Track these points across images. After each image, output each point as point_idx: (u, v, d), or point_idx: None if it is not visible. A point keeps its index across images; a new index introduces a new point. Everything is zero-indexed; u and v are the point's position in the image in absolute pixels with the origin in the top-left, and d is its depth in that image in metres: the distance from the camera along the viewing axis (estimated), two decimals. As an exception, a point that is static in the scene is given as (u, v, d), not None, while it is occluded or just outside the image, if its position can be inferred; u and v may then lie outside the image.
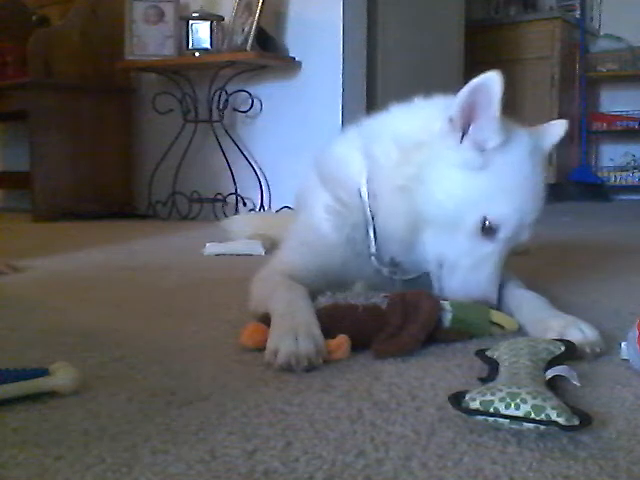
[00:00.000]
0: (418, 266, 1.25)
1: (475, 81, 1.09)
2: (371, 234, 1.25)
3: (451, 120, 1.13)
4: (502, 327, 1.15)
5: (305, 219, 1.37)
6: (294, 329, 0.99)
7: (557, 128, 1.28)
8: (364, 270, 1.27)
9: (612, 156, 5.60)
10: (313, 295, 1.17)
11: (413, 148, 1.17)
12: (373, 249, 1.26)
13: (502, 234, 1.16)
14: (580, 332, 1.03)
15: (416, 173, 1.16)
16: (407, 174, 1.17)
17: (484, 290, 1.16)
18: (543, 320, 1.10)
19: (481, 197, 1.13)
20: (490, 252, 1.16)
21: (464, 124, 1.12)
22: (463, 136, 1.13)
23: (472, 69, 4.58)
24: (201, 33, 3.65)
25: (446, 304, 1.11)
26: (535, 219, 1.19)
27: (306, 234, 1.34)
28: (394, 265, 1.26)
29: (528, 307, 1.17)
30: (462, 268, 1.18)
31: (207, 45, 3.64)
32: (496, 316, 1.15)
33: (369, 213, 1.24)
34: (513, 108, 1.20)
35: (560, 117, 5.53)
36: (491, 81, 1.08)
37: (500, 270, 1.19)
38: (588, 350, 1.01)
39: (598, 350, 1.02)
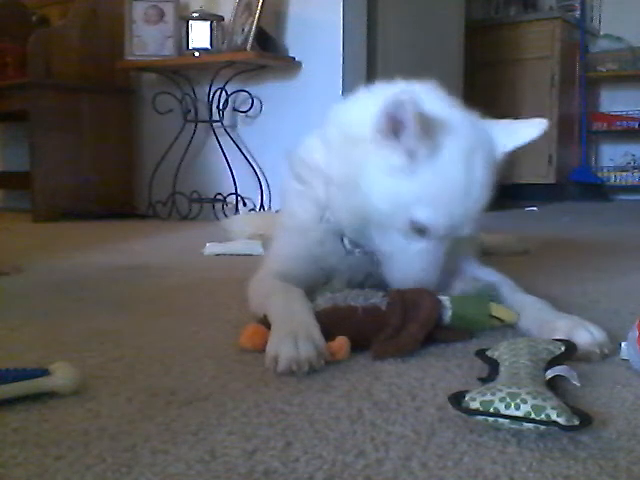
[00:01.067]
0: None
1: (389, 99, 1.10)
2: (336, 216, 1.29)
3: (378, 130, 1.14)
4: (502, 320, 1.15)
5: (283, 210, 1.45)
6: (293, 333, 0.98)
7: (533, 128, 1.25)
8: (342, 252, 1.30)
9: (612, 156, 5.60)
10: (312, 295, 1.18)
11: (351, 142, 1.20)
12: (344, 230, 1.29)
13: (432, 234, 1.17)
14: (588, 333, 1.03)
15: (353, 173, 1.19)
16: (346, 173, 1.21)
17: (421, 280, 1.17)
18: (549, 322, 1.10)
19: (408, 201, 1.15)
20: (425, 248, 1.18)
21: (392, 133, 1.13)
22: (393, 143, 1.13)
23: (472, 69, 4.60)
24: (201, 33, 3.65)
25: (446, 301, 1.11)
26: (475, 215, 1.19)
27: (286, 223, 1.40)
28: (358, 247, 1.29)
29: (532, 309, 1.17)
30: (400, 261, 1.20)
31: (207, 45, 3.64)
32: (496, 310, 1.15)
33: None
34: (513, 108, 1.20)
35: (560, 117, 5.47)
36: (402, 101, 1.08)
37: (441, 261, 1.20)
38: (597, 351, 1.01)
39: (606, 351, 1.02)
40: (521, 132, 1.24)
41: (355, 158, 1.19)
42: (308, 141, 1.39)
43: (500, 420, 0.73)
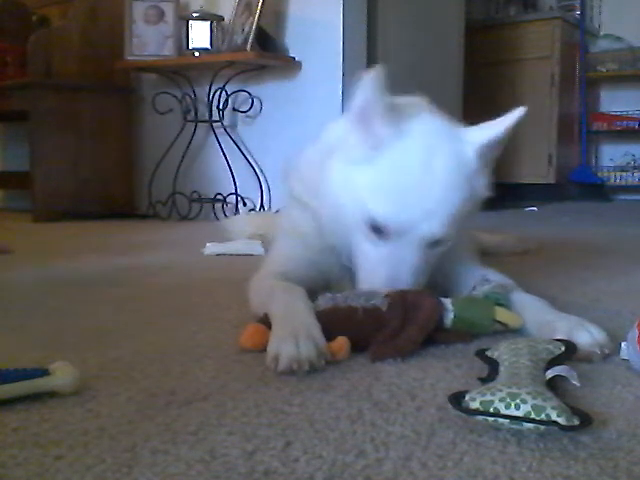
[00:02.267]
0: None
1: (358, 88, 1.13)
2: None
3: (350, 121, 1.17)
4: (505, 325, 1.14)
5: (285, 214, 1.48)
6: (294, 332, 0.98)
7: (508, 117, 1.19)
8: (340, 265, 1.31)
9: (612, 156, 5.60)
10: (312, 296, 1.17)
11: (331, 151, 1.23)
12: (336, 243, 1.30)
13: (391, 234, 1.14)
14: (589, 334, 1.03)
15: (326, 177, 1.21)
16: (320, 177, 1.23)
17: (386, 284, 1.14)
18: (549, 322, 1.09)
19: (364, 193, 1.15)
20: (387, 253, 1.15)
21: (361, 125, 1.14)
22: (363, 128, 1.15)
23: (472, 69, 4.59)
24: (201, 33, 3.65)
25: (448, 303, 1.11)
26: (442, 215, 1.14)
27: (287, 228, 1.42)
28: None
29: (532, 310, 1.16)
30: (365, 269, 1.19)
31: (207, 45, 3.64)
32: (500, 314, 1.14)
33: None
34: (513, 108, 1.20)
35: (560, 117, 5.47)
36: (367, 88, 1.11)
37: (414, 265, 1.15)
38: (598, 351, 1.01)
39: (607, 351, 1.02)
40: (495, 125, 1.20)
41: (329, 163, 1.21)
42: (306, 154, 1.40)
43: (500, 420, 0.73)
